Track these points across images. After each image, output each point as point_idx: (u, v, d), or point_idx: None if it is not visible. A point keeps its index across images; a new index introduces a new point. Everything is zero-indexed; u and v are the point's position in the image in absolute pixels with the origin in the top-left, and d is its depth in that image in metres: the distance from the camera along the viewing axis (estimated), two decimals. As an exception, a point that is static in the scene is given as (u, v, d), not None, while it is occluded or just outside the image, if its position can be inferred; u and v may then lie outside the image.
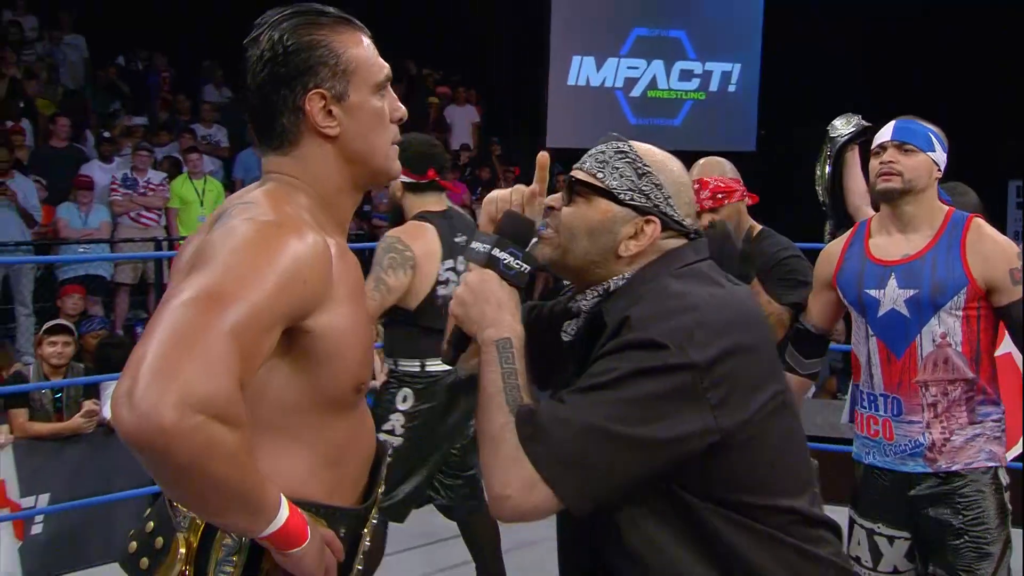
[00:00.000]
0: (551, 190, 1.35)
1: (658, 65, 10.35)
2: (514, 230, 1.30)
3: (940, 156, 2.18)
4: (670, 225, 1.30)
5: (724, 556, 1.23)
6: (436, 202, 3.04)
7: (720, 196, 2.56)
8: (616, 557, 1.26)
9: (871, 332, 2.18)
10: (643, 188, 1.31)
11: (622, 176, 1.31)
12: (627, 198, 1.30)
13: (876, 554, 2.21)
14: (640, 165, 1.32)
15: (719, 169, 2.62)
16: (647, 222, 1.30)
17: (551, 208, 1.33)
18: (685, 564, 1.22)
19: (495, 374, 1.24)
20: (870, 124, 2.69)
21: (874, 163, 2.20)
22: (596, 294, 1.32)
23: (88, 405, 4.07)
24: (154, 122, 8.56)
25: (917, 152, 2.15)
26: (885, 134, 2.20)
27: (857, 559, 2.22)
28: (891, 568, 2.19)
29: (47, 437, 4.03)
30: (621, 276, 1.30)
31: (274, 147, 1.24)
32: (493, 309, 1.27)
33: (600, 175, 1.31)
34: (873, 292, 2.17)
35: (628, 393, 1.17)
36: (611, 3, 10.11)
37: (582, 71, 10.18)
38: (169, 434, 0.95)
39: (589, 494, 1.18)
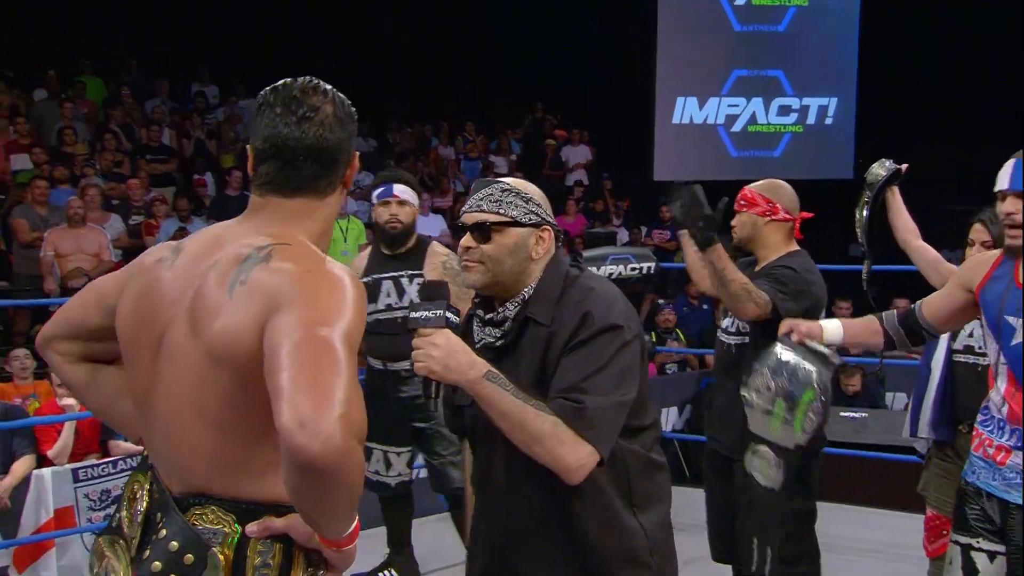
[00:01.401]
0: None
1: (757, 102, 10.32)
2: (441, 293, 1.58)
3: None
4: (553, 228, 1.68)
5: (624, 479, 1.63)
6: None
7: (741, 203, 2.63)
8: (568, 497, 1.60)
9: (1003, 359, 1.99)
10: (532, 209, 1.66)
11: (516, 206, 1.64)
12: (526, 220, 1.64)
13: (971, 571, 2.03)
14: (521, 193, 1.66)
15: (769, 186, 2.65)
16: (544, 231, 1.66)
17: (469, 248, 1.64)
18: (608, 492, 1.61)
19: (507, 398, 1.51)
20: (904, 166, 2.72)
21: (998, 209, 2.02)
22: (516, 303, 1.64)
23: None
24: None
25: None
26: (1003, 180, 1.99)
27: None
28: None
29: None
30: (530, 288, 1.63)
31: (319, 192, 1.29)
32: (464, 355, 1.53)
33: (502, 211, 1.64)
34: (1011, 319, 1.97)
35: (617, 366, 1.55)
36: (712, 49, 10.18)
37: (686, 110, 10.27)
38: (344, 457, 1.03)
39: (610, 448, 1.57)
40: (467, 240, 1.64)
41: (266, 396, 1.10)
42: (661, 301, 7.72)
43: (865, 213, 2.72)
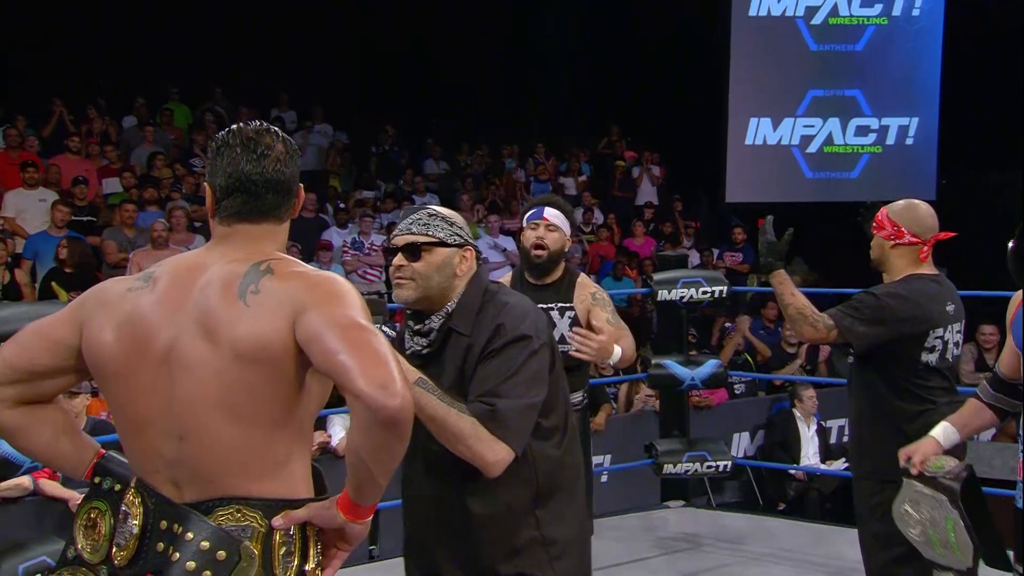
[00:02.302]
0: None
1: (834, 123, 10.12)
2: (378, 308, 1.76)
3: None
4: (475, 249, 1.91)
5: (532, 479, 1.81)
6: None
7: (875, 225, 2.65)
8: (478, 497, 1.81)
9: None
10: (455, 231, 1.87)
11: (442, 228, 1.86)
12: (451, 240, 1.86)
13: None
14: (447, 218, 1.89)
15: (903, 208, 2.61)
16: (466, 251, 1.88)
17: (401, 266, 1.85)
18: (517, 491, 1.80)
19: (434, 401, 1.71)
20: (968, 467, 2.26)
21: None
22: (441, 316, 1.85)
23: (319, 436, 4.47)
24: (382, 193, 9.43)
25: None
26: None
27: None
28: None
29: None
30: (453, 302, 1.85)
31: (279, 217, 1.47)
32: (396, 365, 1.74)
33: (430, 232, 1.85)
34: None
35: (527, 373, 1.78)
36: (786, 68, 10.05)
37: (759, 131, 10.15)
38: (412, 410, 1.24)
39: (523, 445, 1.80)
40: (399, 259, 1.85)
41: (288, 392, 1.34)
42: (728, 325, 7.61)
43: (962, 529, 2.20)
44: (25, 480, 3.65)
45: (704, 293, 4.39)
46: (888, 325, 2.46)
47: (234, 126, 1.48)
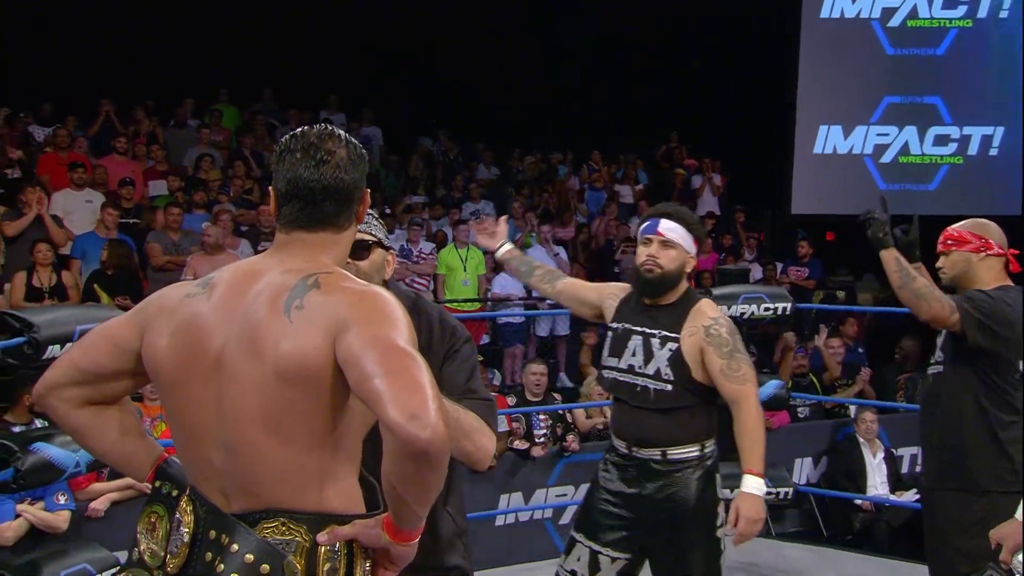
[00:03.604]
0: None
1: (911, 131, 9.92)
2: None
3: None
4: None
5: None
6: None
7: (949, 242, 2.68)
8: None
9: None
10: (386, 233, 1.93)
11: (379, 229, 1.90)
12: (386, 242, 1.92)
13: None
14: (378, 218, 1.92)
15: (975, 224, 2.70)
16: (391, 254, 1.95)
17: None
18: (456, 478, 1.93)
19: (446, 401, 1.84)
20: None
21: None
22: None
23: None
24: (432, 198, 9.53)
25: None
26: None
27: None
28: None
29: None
30: None
31: (339, 226, 1.49)
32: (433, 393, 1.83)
33: (371, 232, 1.87)
34: None
35: (478, 370, 1.93)
36: (860, 73, 9.89)
37: (829, 139, 10.00)
38: (447, 441, 1.24)
39: None
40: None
41: (330, 408, 1.35)
42: (796, 344, 7.50)
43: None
44: (59, 521, 3.82)
45: (766, 310, 4.35)
46: (1003, 326, 2.52)
47: (299, 129, 1.51)
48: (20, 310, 2.91)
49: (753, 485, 2.59)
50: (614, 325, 2.83)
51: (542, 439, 5.41)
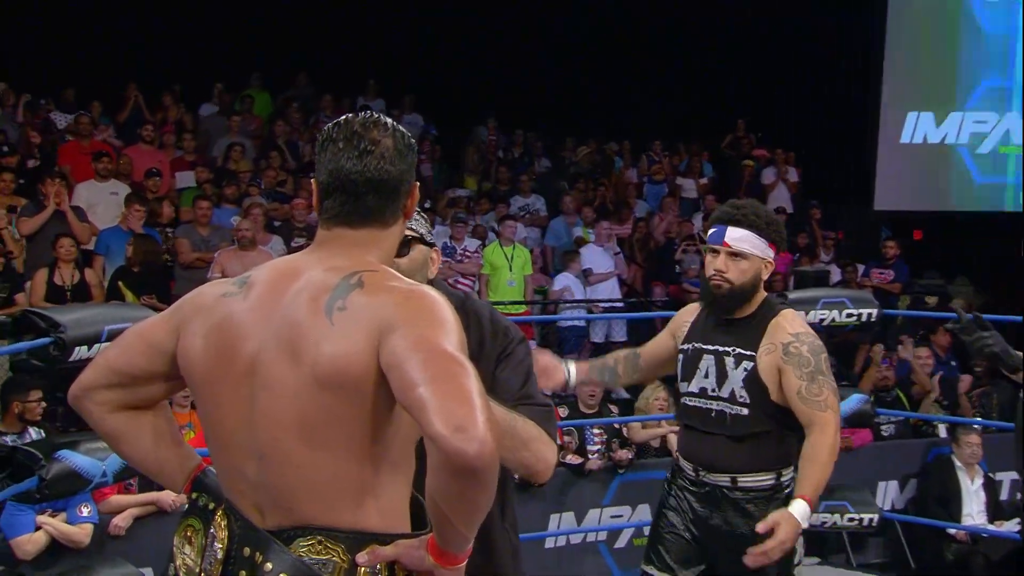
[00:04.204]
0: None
1: (1013, 118, 9.66)
2: None
3: None
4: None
5: (502, 481, 1.76)
6: None
7: None
8: None
9: None
10: (429, 228, 1.93)
11: (421, 224, 1.90)
12: (429, 238, 1.92)
13: None
14: (423, 213, 1.91)
15: None
16: (436, 251, 1.94)
17: None
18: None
19: (499, 408, 1.72)
20: None
21: None
22: None
23: None
24: (476, 192, 9.57)
25: None
26: None
27: None
28: None
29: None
30: None
31: (384, 222, 1.50)
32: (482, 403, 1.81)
33: (412, 226, 1.87)
34: None
35: (534, 374, 1.92)
36: (955, 54, 9.67)
37: (918, 127, 9.82)
38: (496, 456, 1.23)
39: None
40: None
41: (372, 416, 1.36)
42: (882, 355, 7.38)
43: None
44: (82, 535, 3.93)
45: (849, 316, 4.27)
46: None
47: (344, 117, 1.52)
48: (45, 309, 2.98)
49: (801, 511, 2.50)
50: (684, 346, 2.79)
51: (595, 455, 5.40)
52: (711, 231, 2.72)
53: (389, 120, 1.52)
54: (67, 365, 2.72)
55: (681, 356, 2.79)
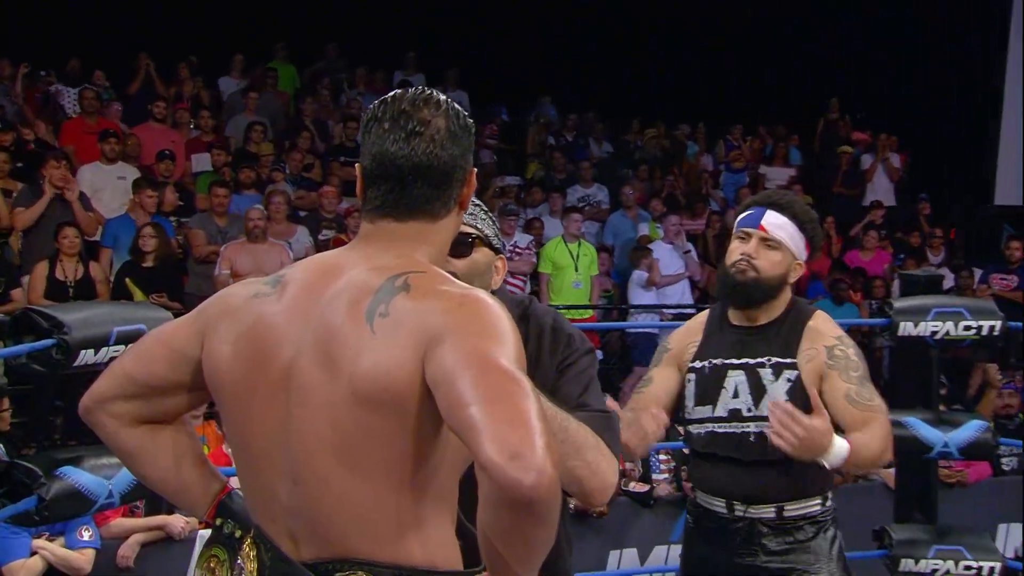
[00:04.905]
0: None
1: None
2: None
3: None
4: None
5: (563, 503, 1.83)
6: None
7: None
8: None
9: None
10: (496, 232, 1.92)
11: (488, 224, 1.89)
12: (496, 242, 1.90)
13: None
14: (489, 212, 1.90)
15: None
16: (500, 259, 1.93)
17: None
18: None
19: (551, 407, 1.73)
20: None
21: None
22: None
23: None
24: (527, 180, 9.56)
25: None
26: None
27: None
28: None
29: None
30: None
31: (433, 214, 1.49)
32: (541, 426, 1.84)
33: (477, 225, 1.87)
34: None
35: (597, 385, 1.91)
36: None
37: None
38: (557, 487, 1.21)
39: None
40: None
41: (415, 438, 1.35)
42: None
43: None
44: (82, 561, 4.01)
45: (967, 329, 4.16)
46: None
47: (391, 94, 1.51)
48: (47, 307, 3.01)
49: (839, 444, 2.43)
50: (697, 364, 2.72)
51: (662, 483, 5.36)
52: (746, 214, 2.69)
53: (443, 97, 1.50)
54: (71, 370, 2.74)
55: (694, 377, 2.71)
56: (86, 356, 2.72)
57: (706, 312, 2.85)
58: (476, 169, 1.55)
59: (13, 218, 6.70)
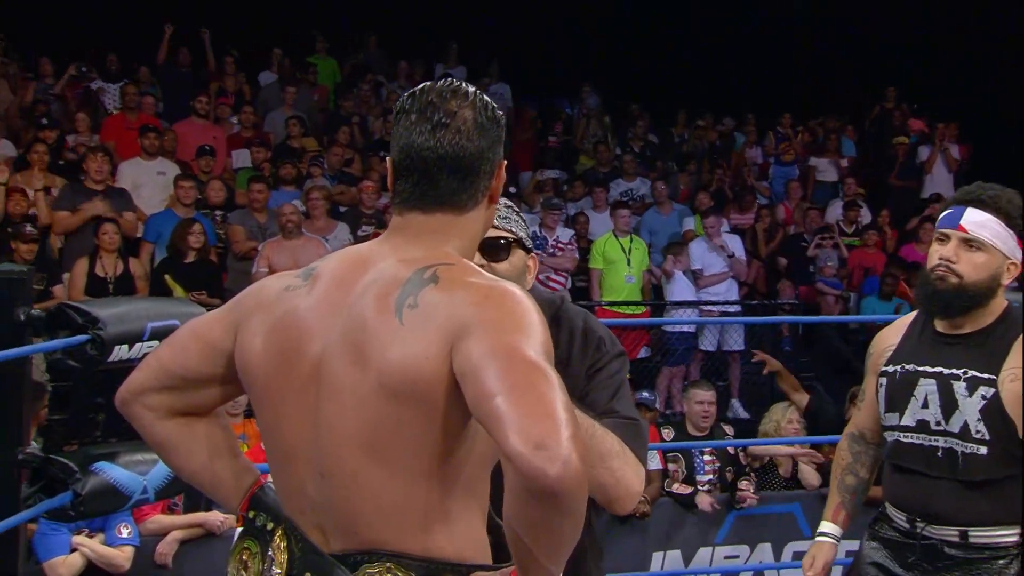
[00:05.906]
0: None
1: None
2: None
3: None
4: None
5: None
6: None
7: None
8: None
9: None
10: (528, 233, 1.96)
11: (520, 226, 1.93)
12: (528, 243, 1.94)
13: None
14: (520, 213, 1.95)
15: None
16: (532, 259, 1.98)
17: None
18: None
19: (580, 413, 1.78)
20: None
21: None
22: None
23: None
24: (570, 174, 9.55)
25: None
26: None
27: None
28: None
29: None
30: None
31: (460, 207, 1.51)
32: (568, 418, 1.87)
33: (511, 228, 1.91)
34: None
35: (627, 390, 1.95)
36: None
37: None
38: (584, 478, 1.23)
39: None
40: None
41: (443, 430, 1.38)
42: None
43: None
44: (122, 559, 4.10)
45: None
46: None
47: (421, 86, 1.53)
48: (83, 303, 3.07)
49: None
50: (889, 368, 2.61)
51: (706, 486, 5.33)
52: (945, 213, 2.54)
53: (472, 88, 1.53)
54: (106, 366, 2.80)
55: (885, 381, 2.61)
56: (120, 352, 2.77)
57: (914, 313, 2.69)
58: (506, 161, 1.57)
59: (53, 220, 6.82)
